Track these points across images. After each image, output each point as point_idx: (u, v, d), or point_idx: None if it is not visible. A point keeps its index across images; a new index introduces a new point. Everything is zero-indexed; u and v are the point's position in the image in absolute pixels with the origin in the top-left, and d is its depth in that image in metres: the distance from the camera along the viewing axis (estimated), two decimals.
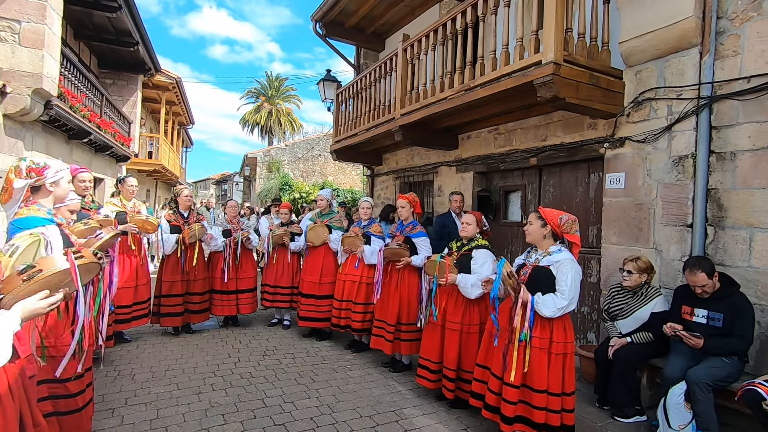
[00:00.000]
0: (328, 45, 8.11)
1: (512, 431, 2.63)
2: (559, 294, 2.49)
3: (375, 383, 3.74)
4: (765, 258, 3.07)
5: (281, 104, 29.74)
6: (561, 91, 3.47)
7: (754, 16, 3.16)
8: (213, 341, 4.70)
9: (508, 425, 2.61)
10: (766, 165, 3.07)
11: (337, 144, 7.63)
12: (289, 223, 5.46)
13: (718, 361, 2.83)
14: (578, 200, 4.63)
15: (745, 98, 3.18)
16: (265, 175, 18.87)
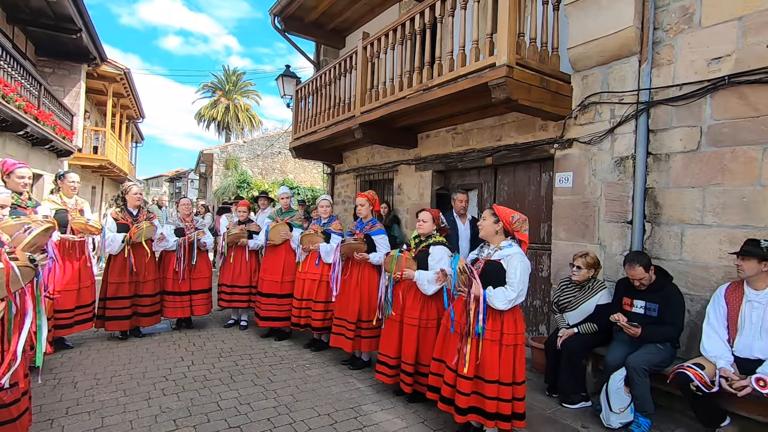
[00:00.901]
0: (287, 40, 7.97)
1: (465, 421, 2.72)
2: (509, 287, 2.60)
3: (334, 381, 3.73)
4: (694, 252, 3.34)
5: (239, 99, 28.89)
6: (514, 93, 3.60)
7: (686, 28, 3.42)
8: (164, 345, 4.50)
9: (461, 416, 2.69)
10: (695, 166, 3.34)
11: (296, 141, 7.52)
12: (248, 221, 5.33)
13: (654, 348, 3.05)
14: (531, 198, 4.83)
15: (678, 104, 3.44)
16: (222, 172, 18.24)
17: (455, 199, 4.79)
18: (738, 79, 3.10)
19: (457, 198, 4.78)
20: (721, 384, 2.63)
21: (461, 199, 4.77)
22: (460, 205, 4.75)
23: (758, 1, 3.04)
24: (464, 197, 4.77)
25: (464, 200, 4.76)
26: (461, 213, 4.76)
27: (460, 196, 4.78)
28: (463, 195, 4.78)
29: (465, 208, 4.78)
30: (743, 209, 3.09)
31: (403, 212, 6.53)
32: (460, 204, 4.75)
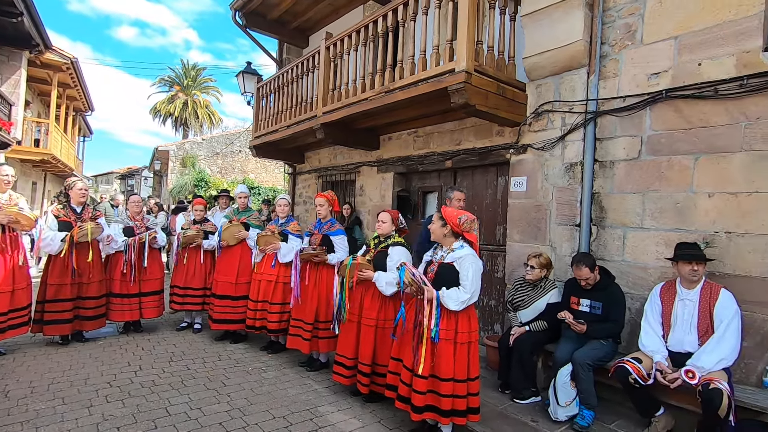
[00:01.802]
0: (248, 36, 7.78)
1: (422, 419, 2.76)
2: (462, 288, 2.67)
3: (291, 383, 3.68)
4: (635, 253, 3.57)
5: (198, 95, 27.89)
6: (472, 98, 3.71)
7: (629, 44, 3.66)
8: (110, 349, 4.27)
9: (418, 414, 2.73)
10: (636, 173, 3.58)
11: (257, 140, 7.37)
12: (204, 220, 5.16)
13: (597, 344, 3.23)
14: (488, 201, 4.98)
15: (622, 115, 3.67)
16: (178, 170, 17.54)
17: (451, 198, 3.90)
18: (674, 93, 3.35)
19: (453, 197, 3.88)
20: (657, 377, 2.82)
21: (458, 198, 3.88)
22: (458, 205, 3.79)
23: (692, 23, 3.30)
24: (461, 196, 3.92)
25: (461, 199, 3.91)
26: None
27: (457, 195, 3.89)
28: (461, 194, 3.92)
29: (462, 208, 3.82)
30: (677, 214, 3.33)
31: (364, 213, 6.54)
32: (457, 204, 3.80)
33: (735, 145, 3.08)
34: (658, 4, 3.49)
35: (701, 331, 2.84)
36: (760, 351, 2.95)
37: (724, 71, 3.13)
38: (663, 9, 3.45)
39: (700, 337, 2.84)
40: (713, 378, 2.59)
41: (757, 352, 2.96)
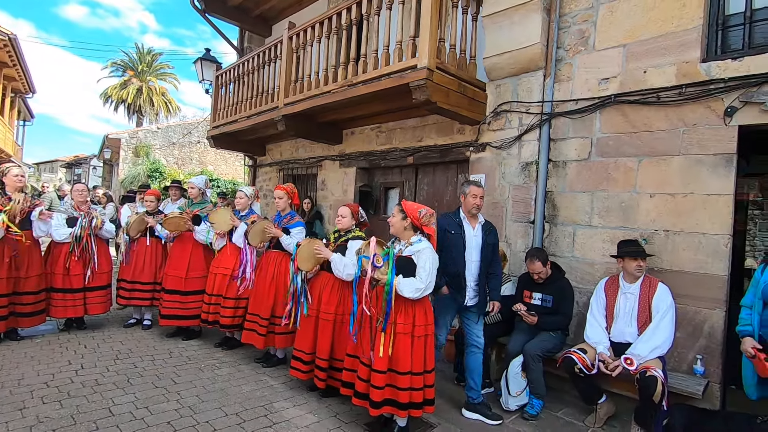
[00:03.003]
0: (207, 21, 7.49)
1: (380, 414, 2.78)
2: (418, 278, 2.71)
3: (245, 380, 3.59)
4: (583, 249, 3.75)
5: (154, 82, 26.54)
6: (433, 95, 3.75)
7: (582, 50, 3.82)
8: (48, 348, 3.99)
9: (376, 409, 2.73)
10: (586, 173, 3.75)
11: (215, 130, 7.11)
12: (156, 212, 4.91)
13: (547, 336, 3.37)
14: (448, 198, 5.07)
15: (574, 117, 3.83)
16: (131, 159, 16.63)
17: (466, 193, 3.29)
18: (621, 98, 3.55)
19: (469, 192, 3.27)
20: (600, 366, 2.99)
21: (475, 193, 3.26)
22: (473, 202, 3.24)
23: (639, 33, 3.49)
24: (479, 192, 3.29)
25: (479, 195, 3.28)
26: (472, 213, 3.29)
27: (474, 190, 3.27)
28: (478, 189, 3.30)
29: (479, 207, 3.29)
30: (622, 213, 3.53)
31: (326, 208, 6.48)
32: (473, 201, 3.25)
33: (674, 149, 3.29)
34: (609, 13, 3.66)
35: (641, 323, 3.03)
36: (692, 341, 3.19)
37: (666, 79, 3.34)
38: (613, 18, 3.63)
39: (640, 328, 3.03)
40: (650, 366, 2.78)
41: (688, 342, 3.20)
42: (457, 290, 3.17)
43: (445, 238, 3.21)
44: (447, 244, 3.20)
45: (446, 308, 3.25)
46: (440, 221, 3.26)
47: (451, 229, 3.26)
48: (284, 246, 3.80)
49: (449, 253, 3.18)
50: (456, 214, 3.34)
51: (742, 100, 2.99)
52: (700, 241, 3.16)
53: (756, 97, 2.93)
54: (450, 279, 3.18)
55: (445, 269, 3.12)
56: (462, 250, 3.21)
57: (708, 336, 3.12)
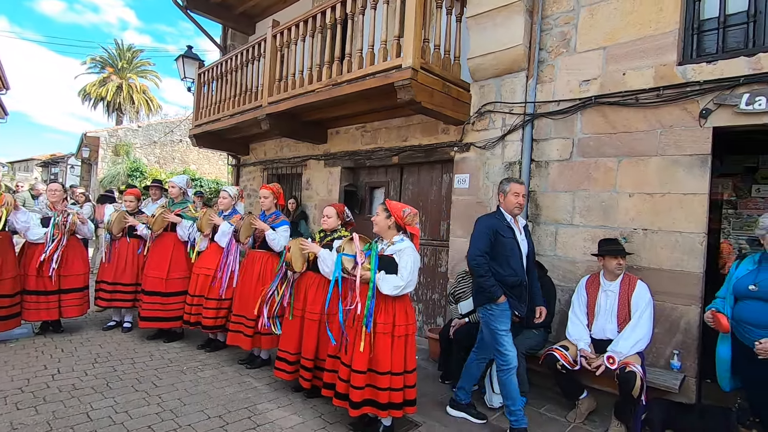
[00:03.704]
0: (189, 18, 7.36)
1: (360, 414, 2.77)
2: (399, 275, 2.71)
3: (228, 382, 3.54)
4: (565, 248, 3.81)
5: (135, 79, 25.96)
6: (418, 95, 3.76)
7: (564, 52, 3.88)
8: (23, 352, 3.88)
9: (355, 409, 2.72)
10: (568, 173, 3.81)
11: (197, 128, 7.00)
12: (137, 212, 4.80)
13: (530, 333, 3.42)
14: (433, 198, 5.09)
15: (556, 118, 3.89)
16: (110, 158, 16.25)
17: (506, 191, 3.01)
18: (601, 100, 3.61)
19: (510, 190, 2.99)
20: (582, 362, 3.04)
21: (517, 191, 2.99)
22: (515, 201, 2.98)
23: (618, 35, 3.57)
24: (522, 189, 3.03)
25: (521, 193, 3.01)
26: (515, 214, 3.03)
27: (515, 187, 3.00)
28: (520, 186, 3.04)
29: (522, 206, 3.04)
30: (602, 212, 3.60)
31: (311, 208, 6.44)
32: (514, 200, 2.97)
33: (652, 149, 3.37)
34: (589, 16, 3.73)
35: (620, 319, 3.10)
36: (669, 336, 3.27)
37: (644, 81, 3.41)
38: (594, 21, 3.70)
39: (620, 325, 3.09)
40: (629, 362, 2.84)
41: (666, 338, 3.28)
42: (518, 300, 2.94)
43: (499, 243, 2.90)
44: (501, 249, 2.90)
45: (504, 318, 2.92)
46: (489, 222, 2.98)
47: (503, 233, 2.92)
48: (269, 241, 3.76)
49: (505, 260, 2.89)
50: (501, 216, 3.02)
51: (716, 102, 3.08)
52: (677, 239, 3.24)
53: (729, 100, 3.02)
54: (508, 289, 2.90)
55: (502, 279, 2.87)
56: (519, 256, 2.96)
57: (684, 332, 3.21)
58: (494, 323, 2.90)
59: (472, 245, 2.94)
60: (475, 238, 2.96)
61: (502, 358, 2.90)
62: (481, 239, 2.92)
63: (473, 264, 2.90)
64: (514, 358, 2.89)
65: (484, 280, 2.86)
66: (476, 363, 3.23)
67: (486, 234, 2.92)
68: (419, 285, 5.08)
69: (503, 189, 3.06)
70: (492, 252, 2.89)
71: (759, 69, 2.93)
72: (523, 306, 2.97)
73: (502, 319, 2.90)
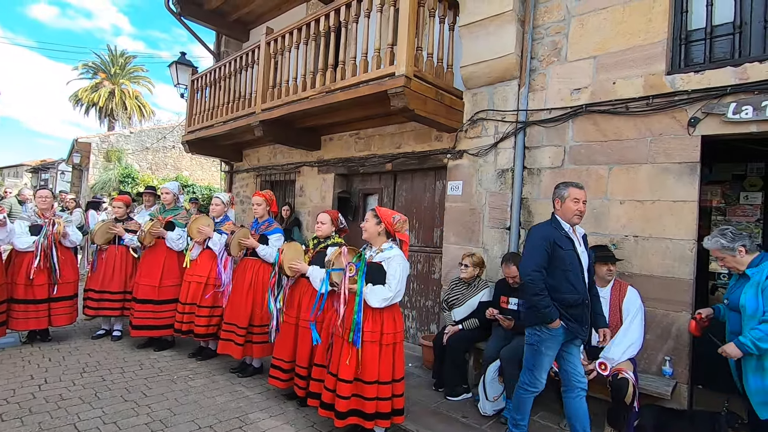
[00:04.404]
0: (182, 24, 7.36)
1: (345, 425, 2.73)
2: (387, 286, 2.70)
3: (220, 391, 3.50)
4: None
5: (127, 85, 25.84)
6: (411, 102, 3.78)
7: (555, 60, 3.93)
8: (9, 362, 3.80)
9: (341, 420, 2.68)
10: (560, 180, 3.81)
11: (190, 134, 6.97)
12: (127, 218, 4.76)
13: (523, 340, 3.41)
14: (426, 204, 5.10)
15: (548, 126, 3.93)
16: (102, 164, 16.09)
17: (564, 197, 2.68)
18: (592, 108, 3.66)
19: (569, 195, 2.67)
20: None
21: (577, 197, 2.67)
22: (575, 208, 2.65)
23: (608, 45, 3.62)
24: (582, 194, 2.70)
25: (582, 199, 2.69)
26: (574, 223, 2.70)
27: (575, 192, 2.68)
28: (580, 191, 2.70)
29: (582, 214, 2.70)
30: (594, 219, 3.63)
31: (304, 214, 6.42)
32: (574, 207, 2.65)
33: (642, 157, 3.41)
34: (580, 26, 3.78)
35: (612, 326, 3.10)
36: (660, 343, 3.29)
37: (634, 90, 3.46)
38: (584, 30, 3.76)
39: (611, 331, 3.10)
40: (621, 369, 2.85)
41: (657, 344, 3.29)
42: (579, 323, 2.58)
43: (556, 256, 2.56)
44: (559, 263, 2.56)
45: (553, 344, 2.61)
46: (544, 233, 2.64)
47: (561, 244, 2.58)
48: (260, 255, 3.75)
49: (564, 275, 2.55)
50: (558, 224, 2.67)
51: (704, 111, 3.13)
52: (668, 246, 3.27)
53: (717, 109, 3.07)
54: (566, 309, 2.54)
55: (560, 296, 2.53)
56: (579, 270, 2.61)
57: (675, 338, 3.23)
58: (543, 347, 2.62)
59: (525, 258, 2.65)
60: (528, 251, 2.65)
61: (530, 379, 2.68)
62: (536, 252, 2.58)
63: (527, 280, 2.57)
64: (542, 385, 2.68)
65: (539, 299, 2.51)
66: (575, 401, 2.76)
67: (542, 246, 2.57)
68: (412, 292, 5.07)
69: (560, 194, 2.70)
70: (549, 266, 2.55)
71: (745, 79, 2.99)
72: (584, 329, 2.62)
73: (551, 344, 2.61)
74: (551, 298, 2.52)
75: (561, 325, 2.55)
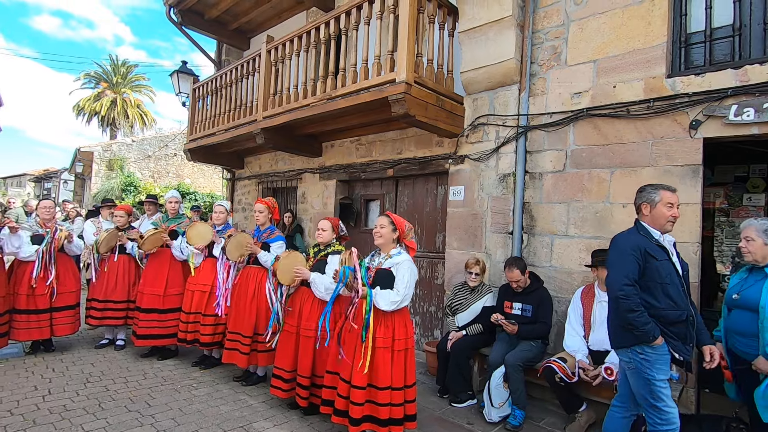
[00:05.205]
0: (183, 34, 7.42)
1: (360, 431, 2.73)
2: (395, 290, 2.70)
3: (224, 400, 3.48)
4: (561, 259, 3.81)
5: (129, 94, 26.00)
6: (411, 108, 3.80)
7: (555, 65, 3.94)
8: (12, 372, 3.79)
9: (356, 427, 2.68)
10: (562, 184, 3.84)
11: (192, 143, 7.00)
12: (128, 228, 4.76)
13: (527, 345, 3.40)
14: (428, 210, 5.10)
15: (549, 130, 3.93)
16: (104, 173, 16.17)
17: (655, 201, 2.41)
18: (593, 112, 3.66)
19: (661, 200, 2.40)
20: (580, 374, 3.03)
21: (671, 201, 2.40)
22: (668, 213, 2.39)
23: (608, 49, 3.63)
24: (675, 198, 2.43)
25: (676, 203, 2.42)
26: (667, 230, 2.44)
27: (668, 196, 2.41)
28: (673, 195, 2.43)
29: (676, 219, 2.44)
30: (596, 222, 3.62)
31: (306, 221, 6.43)
32: (667, 213, 2.39)
33: (644, 160, 3.41)
34: (579, 30, 3.80)
35: None
36: None
37: (634, 94, 3.47)
38: (583, 35, 3.77)
39: None
40: None
41: None
42: (682, 341, 2.30)
43: (650, 268, 2.29)
44: (655, 276, 2.28)
45: (663, 365, 2.29)
46: (634, 242, 2.34)
47: (655, 254, 2.30)
48: (262, 263, 3.74)
49: (661, 289, 2.28)
50: (648, 232, 2.39)
51: (706, 113, 3.13)
52: None
53: (718, 111, 3.07)
54: (667, 327, 2.28)
55: (658, 313, 2.26)
56: (679, 283, 2.33)
57: None
58: (650, 371, 2.25)
59: (614, 271, 2.33)
60: (616, 262, 2.35)
61: (660, 416, 2.26)
62: (627, 263, 2.28)
63: (620, 295, 2.24)
64: (676, 416, 2.27)
65: (635, 316, 2.20)
66: (621, 420, 2.50)
67: (632, 256, 2.28)
68: (415, 297, 5.06)
69: (650, 198, 2.40)
70: (641, 280, 2.28)
71: (746, 81, 2.99)
72: (689, 348, 2.31)
73: (660, 365, 2.26)
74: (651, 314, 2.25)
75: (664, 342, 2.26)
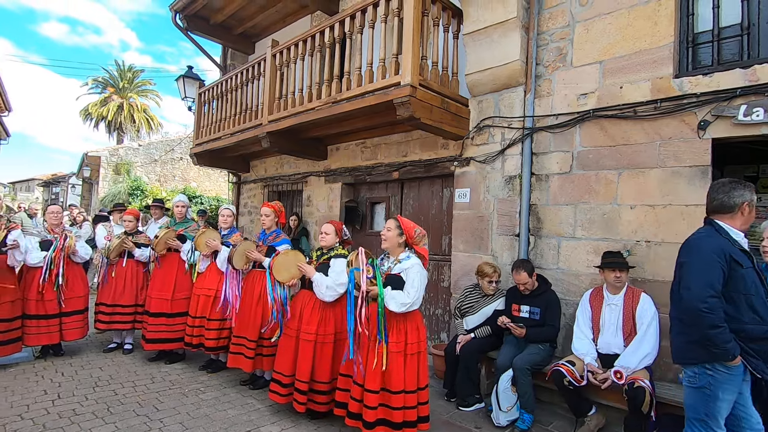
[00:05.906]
0: (189, 39, 7.48)
1: None
2: (406, 292, 2.70)
3: (231, 404, 3.49)
4: (568, 261, 3.79)
5: (135, 98, 26.24)
6: (417, 111, 3.79)
7: (561, 66, 3.92)
8: (23, 377, 3.83)
9: (369, 430, 2.68)
10: (569, 186, 3.82)
11: (198, 147, 7.04)
12: (136, 232, 4.80)
13: (535, 348, 3.37)
14: (434, 212, 5.09)
15: (555, 131, 3.91)
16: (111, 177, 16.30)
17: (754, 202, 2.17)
18: (599, 113, 3.64)
19: (744, 200, 2.14)
20: (589, 378, 3.00)
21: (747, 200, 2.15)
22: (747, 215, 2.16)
23: (614, 50, 3.61)
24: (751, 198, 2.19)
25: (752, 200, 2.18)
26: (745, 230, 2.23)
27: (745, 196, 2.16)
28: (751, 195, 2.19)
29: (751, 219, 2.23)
30: (604, 224, 3.59)
31: (312, 224, 6.44)
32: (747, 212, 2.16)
33: (652, 161, 3.38)
34: (585, 31, 3.78)
35: (626, 333, 3.07)
36: None
37: (641, 94, 3.44)
38: (589, 36, 3.75)
39: (625, 339, 3.06)
40: (637, 377, 2.80)
41: None
42: (764, 360, 2.05)
43: (735, 276, 2.03)
44: (740, 286, 2.04)
45: (732, 386, 2.06)
46: (717, 245, 2.07)
47: (740, 260, 2.05)
48: (266, 268, 3.75)
49: (745, 301, 2.04)
50: (729, 235, 2.12)
51: (714, 114, 3.10)
52: None
53: (727, 111, 3.04)
54: (746, 342, 2.02)
55: (739, 327, 2.01)
56: (764, 294, 2.08)
57: None
58: (716, 389, 2.05)
59: (694, 280, 2.02)
60: (698, 269, 2.04)
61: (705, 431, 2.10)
62: (711, 270, 2.00)
63: (704, 308, 1.96)
64: None
65: (717, 332, 1.95)
66: None
67: (716, 263, 2.01)
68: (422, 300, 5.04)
69: (749, 198, 2.11)
70: (724, 290, 2.02)
71: (755, 80, 2.95)
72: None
73: (728, 385, 2.04)
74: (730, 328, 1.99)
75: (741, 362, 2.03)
